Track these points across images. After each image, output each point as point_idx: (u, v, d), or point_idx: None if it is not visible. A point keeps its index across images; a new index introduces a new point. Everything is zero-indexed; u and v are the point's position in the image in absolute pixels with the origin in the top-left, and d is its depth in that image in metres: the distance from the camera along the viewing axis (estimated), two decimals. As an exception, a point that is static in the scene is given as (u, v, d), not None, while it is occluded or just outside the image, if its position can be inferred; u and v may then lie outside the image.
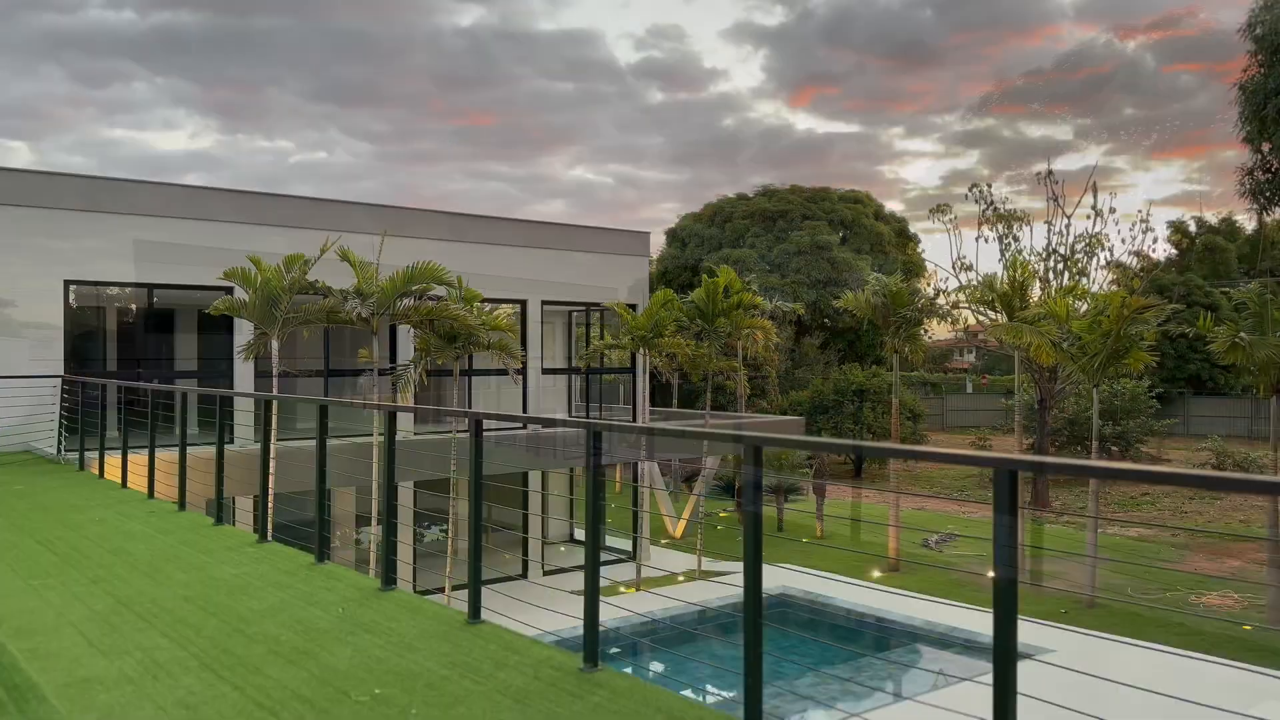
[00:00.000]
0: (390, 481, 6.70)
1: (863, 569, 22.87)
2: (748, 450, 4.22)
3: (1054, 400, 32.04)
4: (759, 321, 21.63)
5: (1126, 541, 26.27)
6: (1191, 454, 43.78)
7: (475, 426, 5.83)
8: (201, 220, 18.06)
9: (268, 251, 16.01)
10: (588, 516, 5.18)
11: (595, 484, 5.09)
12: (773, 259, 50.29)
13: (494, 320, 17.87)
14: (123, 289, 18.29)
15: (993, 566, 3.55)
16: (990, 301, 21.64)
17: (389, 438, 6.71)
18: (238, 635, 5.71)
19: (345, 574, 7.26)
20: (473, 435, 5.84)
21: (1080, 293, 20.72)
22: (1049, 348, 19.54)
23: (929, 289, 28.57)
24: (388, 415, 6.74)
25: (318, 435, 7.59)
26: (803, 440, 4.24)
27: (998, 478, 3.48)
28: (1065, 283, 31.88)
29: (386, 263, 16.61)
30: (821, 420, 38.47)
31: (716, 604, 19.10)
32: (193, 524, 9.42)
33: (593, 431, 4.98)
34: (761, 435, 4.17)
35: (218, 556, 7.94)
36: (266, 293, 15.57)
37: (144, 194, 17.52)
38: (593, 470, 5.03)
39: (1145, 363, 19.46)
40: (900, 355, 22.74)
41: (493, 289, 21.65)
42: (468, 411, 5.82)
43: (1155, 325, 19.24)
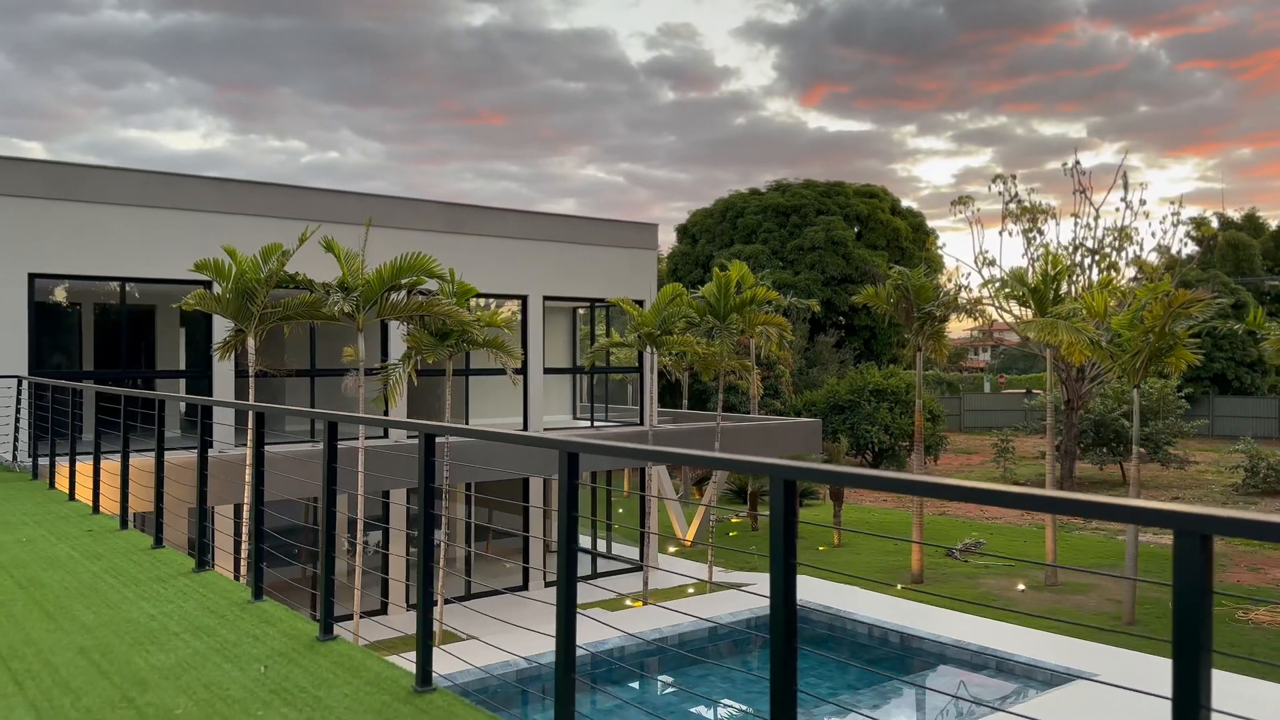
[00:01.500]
0: (330, 507, 5.48)
1: (884, 581, 21.58)
2: (775, 485, 3.00)
3: (1081, 401, 30.61)
4: (774, 318, 20.35)
5: (1159, 550, 24.90)
6: (1221, 456, 42.28)
7: (425, 443, 4.61)
8: (180, 210, 16.90)
9: (253, 243, 14.83)
10: (561, 539, 3.96)
11: (570, 520, 3.90)
12: (786, 255, 48.98)
13: (490, 316, 16.65)
14: (95, 283, 17.13)
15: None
16: (1020, 296, 20.32)
17: (328, 453, 5.50)
18: (124, 708, 4.50)
19: (281, 616, 6.05)
20: (422, 453, 4.62)
21: (1117, 287, 19.36)
22: (1085, 345, 18.22)
23: (950, 285, 27.22)
24: (328, 426, 5.52)
25: (253, 445, 6.38)
26: (836, 471, 3.54)
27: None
28: (1094, 278, 30.45)
29: (378, 256, 15.42)
30: (836, 421, 37.16)
31: (728, 619, 17.86)
32: (128, 547, 8.23)
33: (567, 454, 3.83)
34: (791, 465, 2.97)
35: (141, 590, 6.74)
36: (241, 286, 14.39)
37: (116, 181, 16.36)
38: (567, 496, 3.84)
39: (1190, 362, 18.12)
40: (924, 354, 21.44)
41: (492, 284, 20.45)
42: (417, 423, 4.58)
43: (1202, 321, 17.90)
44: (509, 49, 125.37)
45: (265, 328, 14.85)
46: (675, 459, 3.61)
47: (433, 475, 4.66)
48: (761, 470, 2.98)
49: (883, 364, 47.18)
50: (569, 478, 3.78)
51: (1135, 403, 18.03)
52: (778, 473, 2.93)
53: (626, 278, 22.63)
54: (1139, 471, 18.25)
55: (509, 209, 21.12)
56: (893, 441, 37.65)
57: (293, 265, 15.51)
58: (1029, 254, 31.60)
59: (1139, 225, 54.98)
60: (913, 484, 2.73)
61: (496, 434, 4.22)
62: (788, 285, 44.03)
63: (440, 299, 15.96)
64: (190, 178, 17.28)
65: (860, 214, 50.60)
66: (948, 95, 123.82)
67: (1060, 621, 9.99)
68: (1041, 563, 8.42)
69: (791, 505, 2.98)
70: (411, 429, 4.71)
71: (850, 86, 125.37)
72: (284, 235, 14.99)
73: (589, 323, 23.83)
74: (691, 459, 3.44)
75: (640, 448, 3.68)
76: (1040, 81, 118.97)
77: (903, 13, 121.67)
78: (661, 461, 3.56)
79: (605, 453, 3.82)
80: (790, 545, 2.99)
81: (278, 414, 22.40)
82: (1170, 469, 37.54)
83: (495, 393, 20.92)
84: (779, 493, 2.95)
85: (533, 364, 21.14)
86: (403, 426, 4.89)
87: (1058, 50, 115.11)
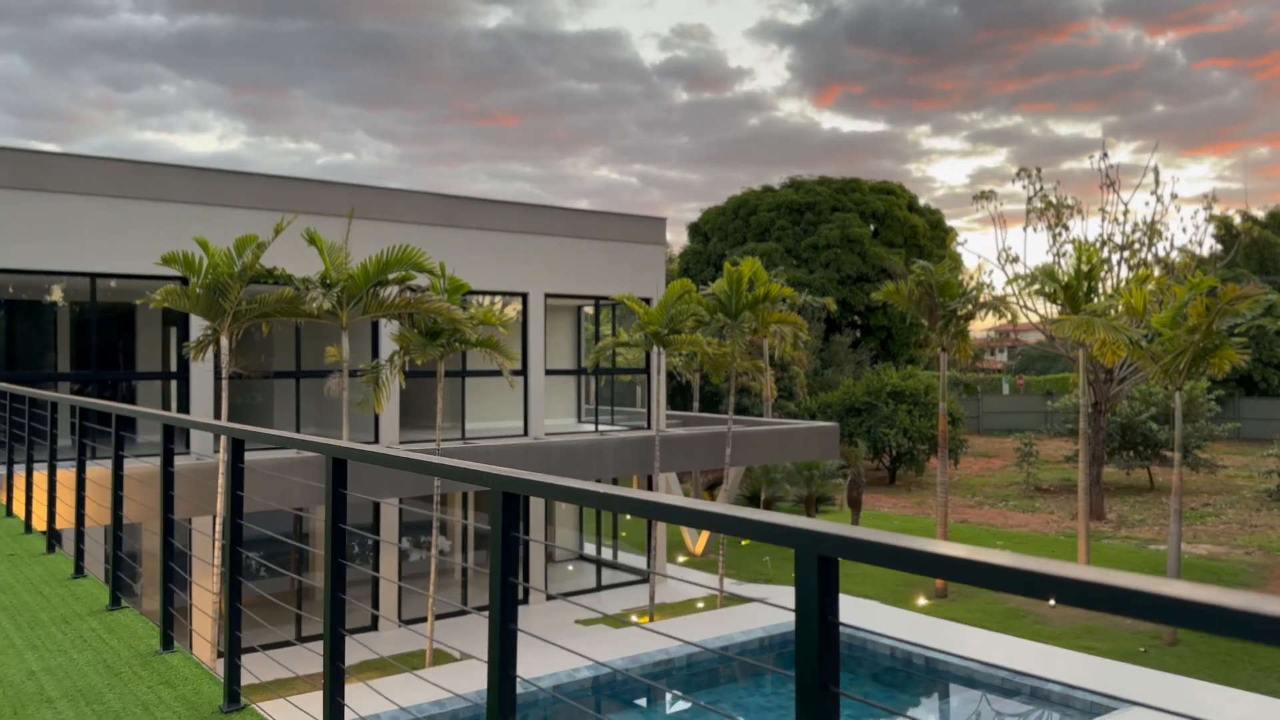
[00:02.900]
0: (235, 544, 4.37)
1: (906, 594, 20.39)
2: (495, 497, 2.66)
3: (1110, 403, 29.36)
4: (788, 316, 19.19)
5: (1196, 561, 23.62)
6: (1252, 461, 40.85)
7: (333, 467, 3.50)
8: (156, 201, 15.85)
9: (235, 236, 13.77)
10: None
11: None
12: (800, 253, 47.77)
13: (485, 314, 15.54)
14: (71, 279, 16.11)
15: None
16: (1051, 293, 19.09)
17: (232, 472, 4.39)
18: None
19: (188, 675, 4.94)
20: (329, 479, 3.51)
21: (1157, 281, 18.13)
22: (1124, 344, 16.99)
23: (972, 283, 25.98)
24: (231, 441, 4.42)
25: (162, 463, 5.29)
26: (560, 486, 2.93)
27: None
28: (1123, 275, 29.18)
29: (368, 250, 14.33)
30: (853, 424, 35.93)
31: (740, 639, 16.70)
32: (46, 576, 7.15)
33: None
34: (513, 475, 2.65)
35: (35, 636, 5.65)
36: (213, 282, 13.33)
37: (86, 170, 15.33)
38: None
39: (1234, 363, 16.88)
40: (947, 353, 20.23)
41: (490, 280, 19.37)
42: (325, 443, 3.46)
43: (1251, 319, 16.66)
44: (523, 50, 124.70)
45: (240, 326, 13.79)
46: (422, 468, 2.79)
47: (342, 502, 3.55)
48: (480, 480, 2.71)
49: (900, 364, 45.91)
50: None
51: (1178, 405, 16.79)
52: (497, 483, 2.65)
53: (633, 274, 21.51)
54: (1180, 478, 17.01)
55: (508, 201, 20.01)
56: (911, 445, 36.40)
57: (277, 259, 14.48)
58: (1054, 250, 30.36)
59: (1168, 221, 53.44)
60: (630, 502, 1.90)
61: (418, 462, 3.10)
62: (802, 284, 42.81)
63: (430, 295, 14.88)
64: (167, 167, 16.25)
65: (876, 211, 49.32)
66: (962, 95, 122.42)
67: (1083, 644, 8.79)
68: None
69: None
70: (316, 449, 3.60)
71: (864, 87, 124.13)
72: (268, 228, 13.92)
73: (594, 322, 22.73)
74: (416, 464, 3.09)
75: (408, 456, 2.75)
76: (1056, 81, 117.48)
77: (917, 12, 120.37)
78: (430, 473, 2.56)
79: (372, 460, 2.91)
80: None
81: (253, 419, 21.37)
82: (1200, 473, 36.18)
83: (495, 395, 19.84)
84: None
85: (533, 365, 20.04)
86: (306, 447, 3.76)
87: (1073, 49, 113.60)
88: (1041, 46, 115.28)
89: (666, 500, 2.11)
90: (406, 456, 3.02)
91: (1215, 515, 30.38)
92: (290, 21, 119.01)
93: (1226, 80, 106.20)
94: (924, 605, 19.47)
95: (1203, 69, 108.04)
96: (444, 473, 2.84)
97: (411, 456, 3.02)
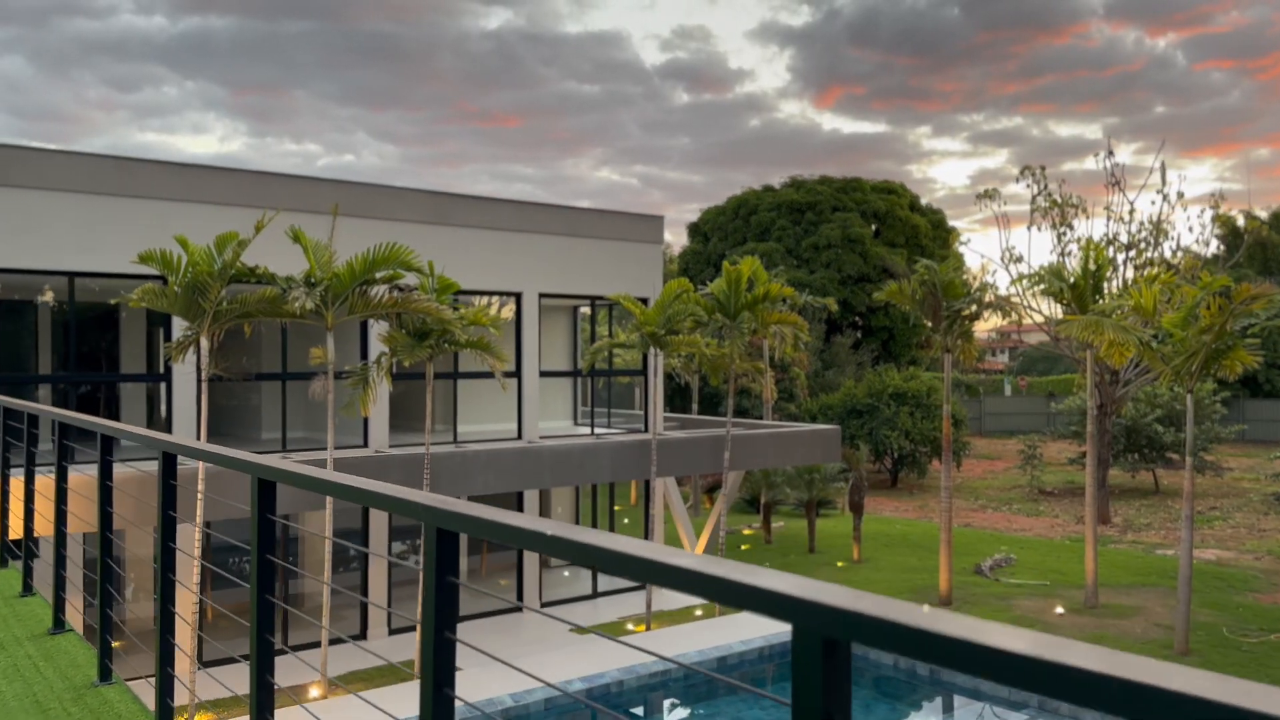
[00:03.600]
0: (165, 572, 3.90)
1: (909, 602, 19.89)
2: (428, 534, 2.19)
3: (1115, 405, 28.86)
4: (788, 316, 18.71)
5: (1204, 566, 23.12)
6: (1259, 464, 40.35)
7: (259, 489, 3.02)
8: (135, 198, 15.36)
9: (217, 233, 13.29)
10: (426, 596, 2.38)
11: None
12: (800, 253, 47.28)
13: (476, 314, 15.07)
14: (38, 278, 15.64)
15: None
16: (1058, 293, 18.60)
17: (164, 489, 3.91)
18: None
19: (123, 709, 4.46)
20: (255, 502, 3.04)
21: (1168, 281, 17.63)
22: (1133, 345, 16.51)
23: (977, 283, 25.50)
24: (165, 456, 3.94)
25: (99, 476, 4.81)
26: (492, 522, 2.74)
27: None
28: (1128, 275, 28.68)
29: (356, 248, 13.84)
30: (854, 426, 35.43)
31: (739, 649, 16.21)
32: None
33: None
34: (447, 509, 2.12)
35: (-38, 663, 5.17)
36: (193, 280, 12.86)
37: (59, 165, 14.85)
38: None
39: (1247, 364, 16.39)
40: (952, 354, 19.74)
41: (482, 280, 18.90)
42: (251, 462, 2.97)
43: (1267, 319, 16.17)
44: (524, 51, 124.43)
45: (221, 327, 13.32)
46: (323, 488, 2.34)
47: (271, 529, 3.07)
48: (412, 511, 2.26)
49: (902, 366, 45.42)
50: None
51: (1189, 408, 16.30)
52: (431, 518, 2.17)
53: (630, 273, 21.02)
54: (1192, 483, 16.53)
55: (501, 199, 19.53)
56: (913, 447, 35.90)
57: (263, 258, 14.01)
58: (1058, 249, 29.89)
59: (1174, 220, 52.84)
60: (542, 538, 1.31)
61: (348, 488, 2.62)
62: (803, 284, 42.32)
63: (419, 295, 14.40)
64: (146, 162, 15.77)
65: (878, 211, 48.82)
66: (963, 96, 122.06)
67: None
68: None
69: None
70: (241, 468, 3.12)
71: (865, 88, 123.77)
72: (252, 225, 13.45)
73: (590, 322, 22.26)
74: (346, 490, 2.57)
75: (339, 482, 2.29)
76: (1057, 82, 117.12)
77: (918, 13, 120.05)
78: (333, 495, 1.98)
79: (299, 484, 2.33)
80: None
81: (242, 421, 20.89)
82: (1206, 476, 35.68)
83: (489, 398, 19.36)
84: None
85: (527, 366, 19.56)
86: (231, 464, 3.28)
87: (1074, 50, 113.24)
88: (1042, 47, 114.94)
89: (625, 548, 1.63)
90: (337, 481, 2.54)
91: (1222, 519, 29.88)
92: (292, 22, 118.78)
93: (1227, 81, 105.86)
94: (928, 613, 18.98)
95: (1203, 70, 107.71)
96: (374, 501, 2.36)
97: (342, 481, 2.54)
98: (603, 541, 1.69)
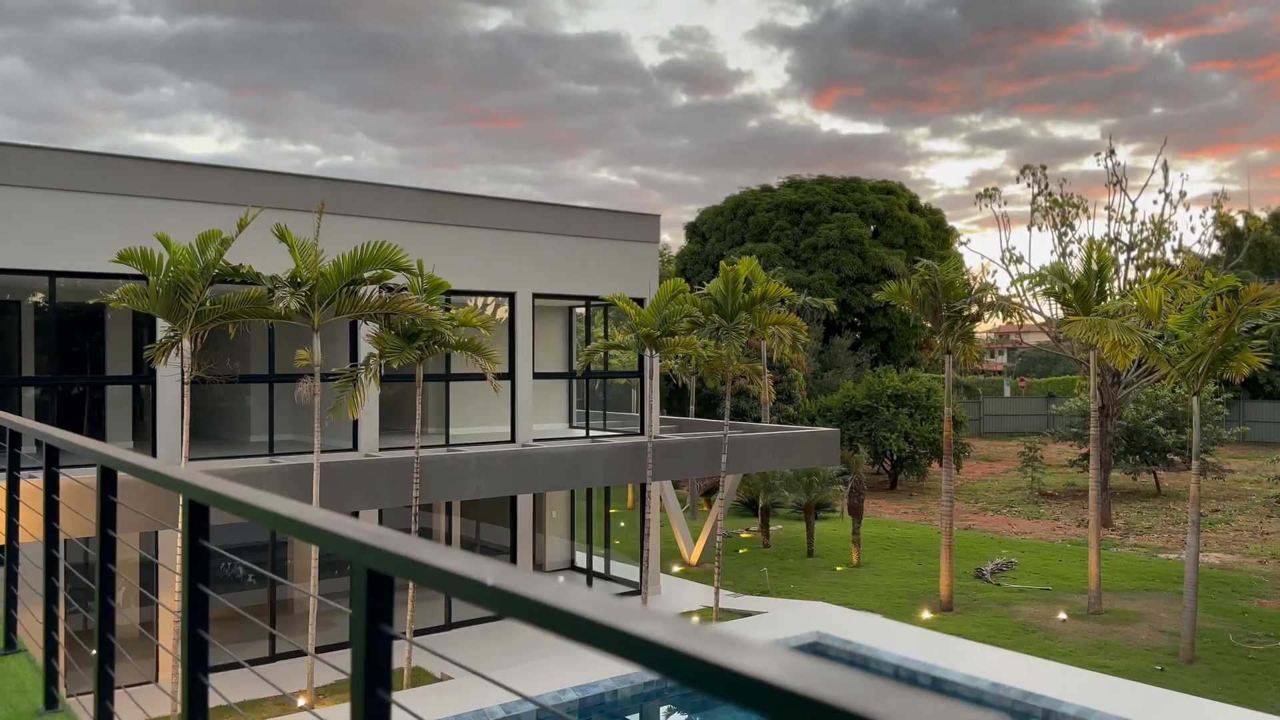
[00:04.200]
0: (104, 595, 3.56)
1: (910, 608, 19.56)
2: (357, 575, 1.84)
3: (1117, 407, 28.54)
4: (787, 317, 18.36)
5: (1209, 571, 22.78)
6: (1262, 466, 40.06)
7: (190, 512, 2.68)
8: (119, 195, 15.01)
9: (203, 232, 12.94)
10: None
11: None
12: (799, 254, 46.96)
13: (464, 315, 14.72)
14: (15, 277, 15.27)
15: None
16: (1060, 293, 18.26)
17: (102, 506, 3.57)
18: None
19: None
20: (186, 526, 2.70)
21: (1171, 279, 17.29)
22: (1137, 346, 16.18)
23: (977, 283, 25.18)
24: (103, 470, 3.60)
25: (45, 489, 4.46)
26: (444, 571, 2.57)
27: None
28: (1130, 276, 28.36)
29: (347, 248, 13.49)
30: (853, 428, 35.10)
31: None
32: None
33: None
34: (378, 546, 1.74)
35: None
36: (174, 280, 12.52)
37: (39, 162, 14.49)
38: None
39: (1254, 366, 16.06)
40: (952, 356, 19.40)
41: (475, 280, 18.56)
42: (184, 482, 2.63)
43: (1272, 320, 15.85)
44: (523, 52, 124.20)
45: (204, 328, 12.97)
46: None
47: (203, 558, 2.73)
48: (340, 547, 1.88)
49: (901, 367, 45.11)
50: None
51: (1195, 411, 15.97)
52: (361, 556, 1.79)
53: (625, 273, 20.68)
54: (1198, 487, 16.19)
55: (494, 197, 19.18)
56: (913, 449, 35.58)
57: (248, 257, 13.68)
58: (1059, 249, 29.56)
59: (1176, 220, 52.45)
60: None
61: (277, 516, 2.28)
62: (801, 285, 42.01)
63: (408, 295, 14.06)
64: (130, 159, 15.42)
65: (877, 211, 48.49)
66: (962, 97, 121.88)
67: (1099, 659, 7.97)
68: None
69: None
70: (174, 487, 2.78)
71: (864, 89, 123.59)
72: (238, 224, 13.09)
73: (585, 323, 21.91)
74: (274, 518, 2.19)
75: (270, 510, 1.94)
76: (1055, 83, 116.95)
77: (916, 15, 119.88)
78: None
79: (232, 510, 1.94)
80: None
81: (231, 424, 20.53)
82: (1208, 478, 35.37)
83: (483, 400, 19.00)
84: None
85: (521, 368, 19.21)
86: (164, 483, 2.94)
87: (1072, 51, 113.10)
88: (1041, 48, 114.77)
89: (579, 609, 1.29)
90: (268, 509, 2.19)
91: (1225, 522, 29.57)
92: (290, 23, 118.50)
93: (1225, 82, 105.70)
94: (928, 619, 18.65)
95: (1201, 71, 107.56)
96: (301, 532, 2.02)
97: (274, 510, 2.20)
98: (551, 598, 1.35)
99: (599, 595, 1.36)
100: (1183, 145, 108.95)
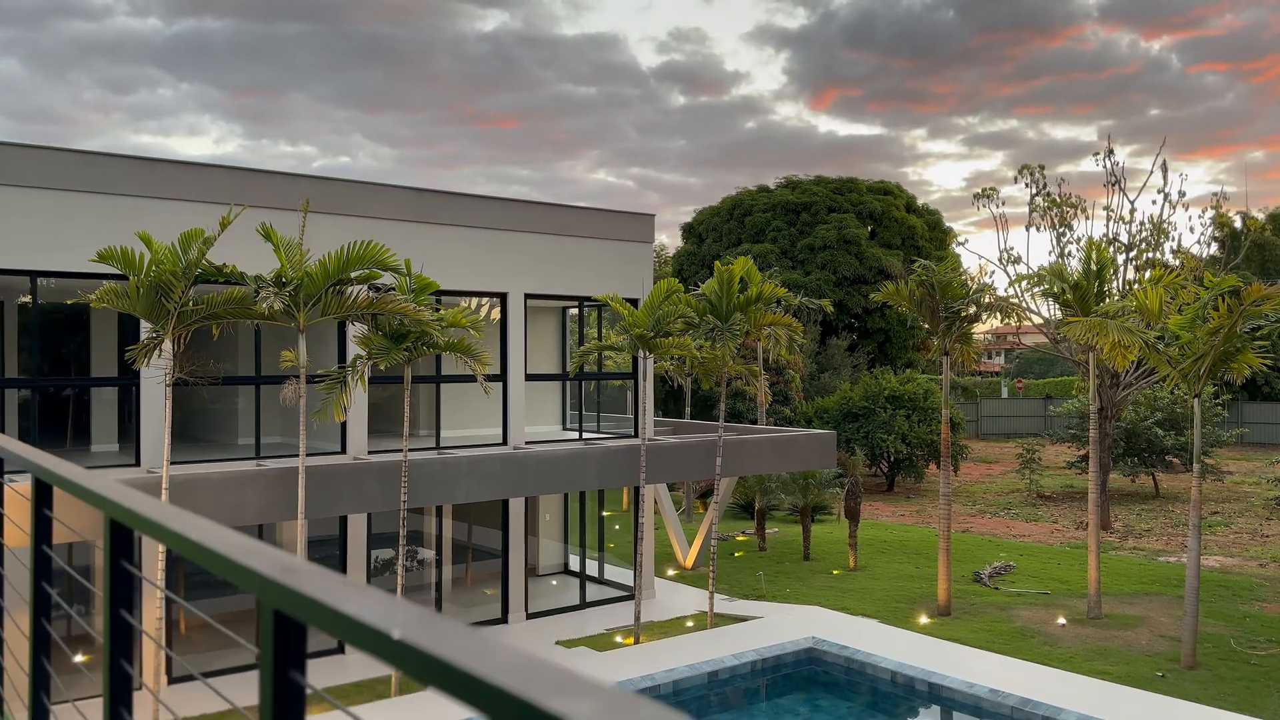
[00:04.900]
0: (39, 617, 3.30)
1: (907, 613, 19.31)
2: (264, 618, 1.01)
3: (1116, 409, 28.32)
4: (783, 318, 18.12)
5: (1209, 574, 22.53)
6: (1261, 467, 39.88)
7: (112, 532, 2.43)
8: (102, 194, 14.74)
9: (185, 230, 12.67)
10: None
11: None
12: (796, 254, 46.74)
13: (454, 315, 14.46)
14: (12, 278, 14.99)
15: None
16: (1059, 293, 18.03)
17: (36, 520, 3.31)
18: None
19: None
20: (108, 548, 2.45)
21: (1172, 279, 17.05)
22: (1139, 347, 15.94)
23: (975, 283, 24.96)
24: (35, 483, 3.34)
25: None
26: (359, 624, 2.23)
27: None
28: (1129, 276, 28.14)
29: (334, 246, 13.23)
30: (850, 429, 34.86)
31: (731, 663, 15.61)
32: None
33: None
34: (289, 587, 1.46)
35: None
36: (155, 280, 12.25)
37: (20, 159, 14.21)
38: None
39: (1255, 367, 15.83)
40: (950, 357, 19.16)
41: (466, 280, 18.31)
42: (107, 499, 2.38)
43: (1274, 320, 15.62)
44: (521, 53, 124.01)
45: (187, 328, 12.71)
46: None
47: (127, 583, 2.48)
48: (249, 583, 1.57)
49: (898, 368, 44.88)
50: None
51: (1196, 412, 15.74)
52: (270, 597, 1.51)
53: (619, 273, 20.43)
54: (1199, 490, 15.95)
55: (486, 196, 18.92)
56: (910, 451, 35.35)
57: (233, 257, 13.42)
58: (1058, 249, 29.34)
59: (1175, 220, 52.22)
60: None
61: (193, 544, 2.01)
62: (798, 285, 41.79)
63: (395, 295, 13.80)
64: (114, 157, 15.15)
65: (874, 212, 48.28)
66: (959, 99, 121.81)
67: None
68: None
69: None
70: (98, 504, 2.52)
71: (861, 90, 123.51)
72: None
73: (579, 324, 21.64)
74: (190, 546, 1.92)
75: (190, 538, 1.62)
76: (1052, 84, 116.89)
77: (914, 16, 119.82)
78: None
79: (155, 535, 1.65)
80: None
81: (219, 426, 20.26)
82: (1207, 480, 35.16)
83: (475, 402, 18.74)
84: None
85: (513, 369, 18.96)
86: (91, 500, 2.68)
87: (1069, 53, 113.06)
88: (1038, 50, 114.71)
89: (500, 680, 1.04)
90: (188, 538, 1.93)
91: (1225, 524, 29.34)
92: (288, 24, 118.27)
93: (1222, 84, 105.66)
94: (926, 625, 18.40)
95: (1198, 72, 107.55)
96: (211, 562, 1.76)
97: (194, 538, 1.93)
98: (465, 661, 1.09)
99: (527, 658, 1.11)
100: (1180, 147, 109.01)
